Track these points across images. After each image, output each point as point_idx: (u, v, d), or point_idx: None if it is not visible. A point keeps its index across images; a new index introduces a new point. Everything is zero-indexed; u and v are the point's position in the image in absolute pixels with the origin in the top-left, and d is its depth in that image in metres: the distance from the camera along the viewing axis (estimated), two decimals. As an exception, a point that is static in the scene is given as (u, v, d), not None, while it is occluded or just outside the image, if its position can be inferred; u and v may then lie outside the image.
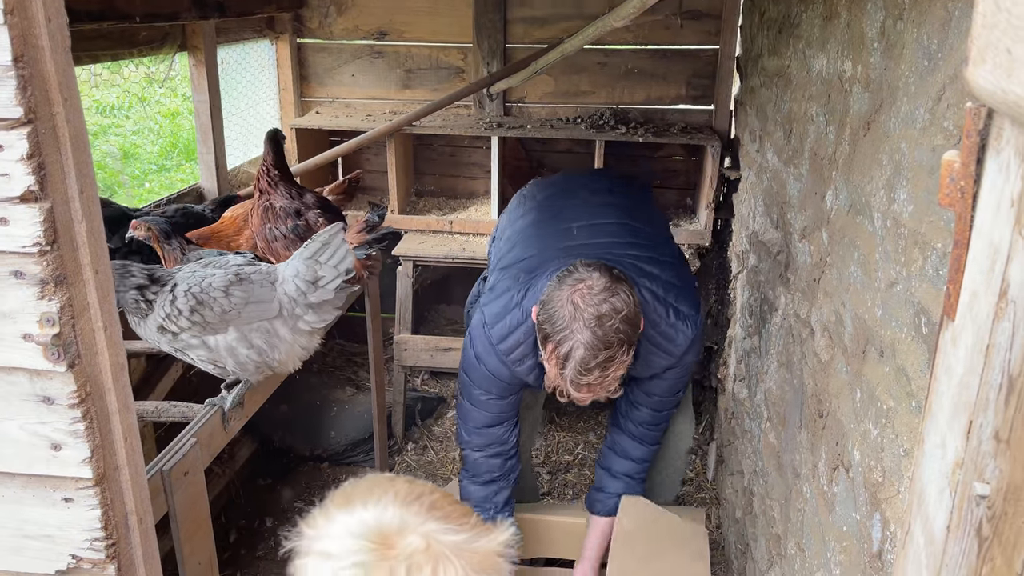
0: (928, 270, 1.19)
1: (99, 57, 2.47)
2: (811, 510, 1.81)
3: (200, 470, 1.89)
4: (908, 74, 1.34)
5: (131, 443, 1.09)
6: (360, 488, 1.00)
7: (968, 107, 0.72)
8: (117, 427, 1.06)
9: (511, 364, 2.10)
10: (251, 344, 1.90)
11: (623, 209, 2.35)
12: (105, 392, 1.04)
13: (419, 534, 0.92)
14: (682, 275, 2.19)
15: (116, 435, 1.06)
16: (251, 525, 3.23)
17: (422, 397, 3.93)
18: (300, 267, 1.89)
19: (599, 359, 1.74)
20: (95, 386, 1.03)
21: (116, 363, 1.05)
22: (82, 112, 0.95)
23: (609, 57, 3.73)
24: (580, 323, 1.75)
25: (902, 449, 1.25)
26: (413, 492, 0.98)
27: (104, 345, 1.02)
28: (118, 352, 1.05)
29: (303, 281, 1.89)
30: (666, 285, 2.08)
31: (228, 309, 1.87)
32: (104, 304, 1.02)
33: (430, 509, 0.96)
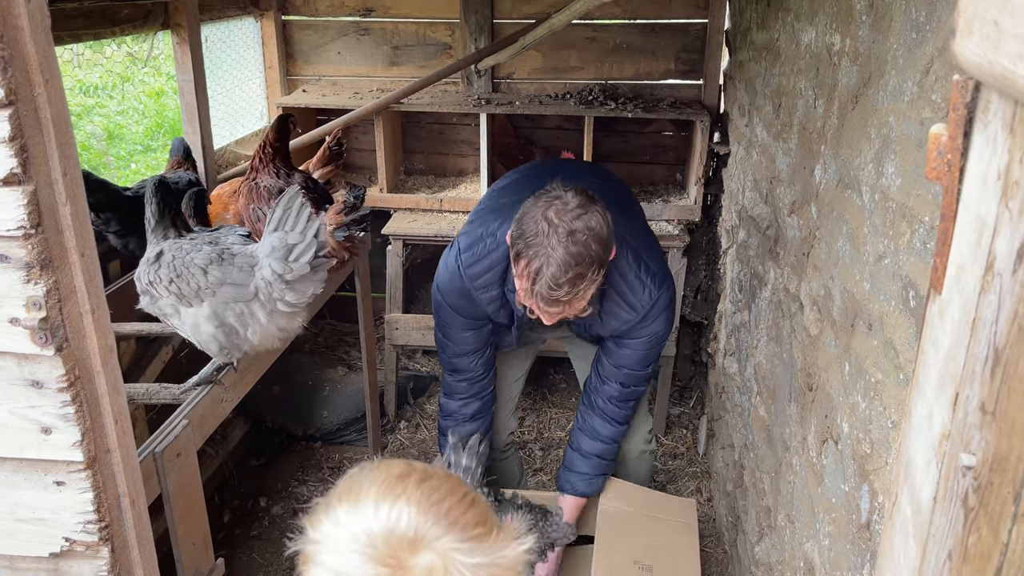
0: (916, 243, 1.19)
1: (80, 36, 2.44)
2: (800, 482, 1.83)
3: (192, 451, 1.89)
4: (896, 47, 1.33)
5: (122, 425, 1.08)
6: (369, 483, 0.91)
7: (955, 80, 0.72)
8: (107, 410, 1.06)
9: (476, 291, 2.14)
10: (222, 322, 1.90)
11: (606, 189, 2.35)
12: (94, 375, 1.04)
13: (436, 552, 0.84)
14: (655, 252, 2.17)
15: (106, 418, 1.06)
16: (245, 505, 3.25)
17: (414, 376, 3.94)
18: (273, 242, 1.86)
19: (569, 275, 1.75)
20: (84, 369, 1.02)
21: (104, 346, 1.04)
22: (64, 93, 0.93)
23: (598, 32, 3.70)
24: (553, 239, 1.76)
25: (890, 421, 1.26)
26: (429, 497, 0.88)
27: (92, 328, 1.01)
28: (106, 335, 1.04)
29: (278, 259, 1.86)
30: (641, 243, 2.11)
31: (204, 287, 1.89)
32: (91, 287, 1.01)
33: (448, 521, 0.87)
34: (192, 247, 1.97)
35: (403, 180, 3.91)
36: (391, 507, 0.86)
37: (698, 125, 3.41)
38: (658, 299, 2.09)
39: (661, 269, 2.13)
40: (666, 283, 2.12)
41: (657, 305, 2.10)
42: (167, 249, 1.99)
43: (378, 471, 0.93)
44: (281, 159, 2.33)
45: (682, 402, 3.86)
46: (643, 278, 2.07)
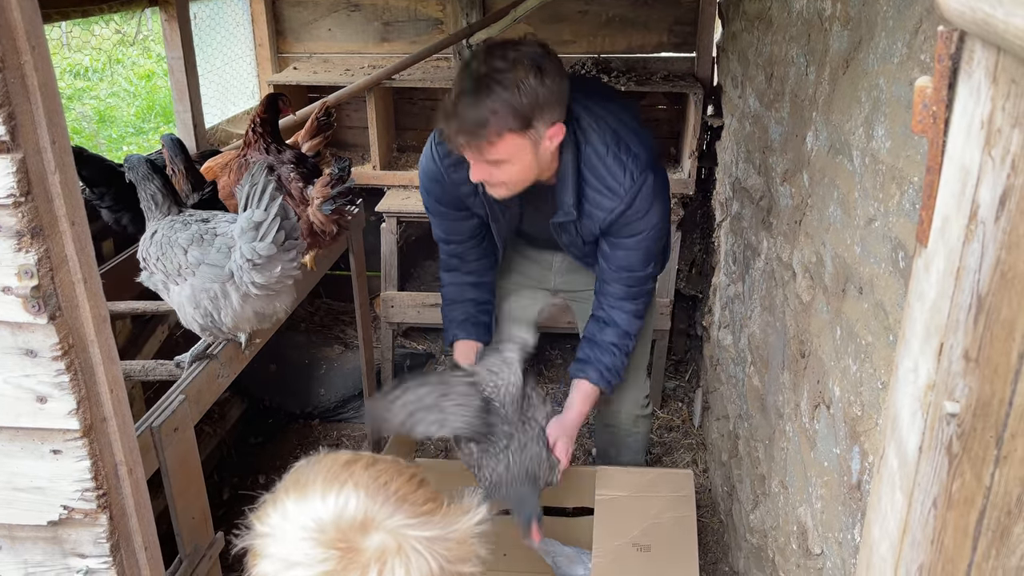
0: (905, 204, 1.20)
1: (68, 14, 2.42)
2: (794, 448, 1.84)
3: (189, 426, 1.90)
4: (886, 8, 1.33)
5: (117, 395, 1.09)
6: (315, 473, 0.90)
7: (940, 31, 0.72)
8: (102, 378, 1.07)
9: (447, 171, 2.14)
10: (198, 304, 1.90)
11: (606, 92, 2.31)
12: (88, 344, 1.04)
13: (387, 531, 0.84)
14: (641, 137, 2.07)
15: (101, 387, 1.07)
16: (245, 483, 3.27)
17: (410, 353, 3.95)
18: (242, 222, 1.81)
19: (477, 105, 1.77)
20: (78, 338, 1.03)
21: (98, 315, 1.04)
22: (51, 61, 0.93)
23: (590, 5, 3.68)
24: (478, 71, 1.81)
25: (880, 383, 1.27)
26: (377, 479, 0.88)
27: (84, 297, 1.02)
28: (99, 304, 1.05)
29: (247, 242, 1.80)
30: (626, 127, 2.04)
31: (184, 266, 1.89)
32: (82, 256, 1.01)
33: (397, 498, 0.87)
34: (182, 226, 1.97)
35: (396, 157, 3.90)
36: (339, 493, 0.86)
37: (691, 98, 3.40)
38: (642, 185, 1.99)
39: (645, 153, 2.02)
40: (651, 168, 2.01)
41: (643, 192, 1.99)
42: (161, 227, 2.00)
43: (324, 461, 0.92)
44: (268, 137, 2.32)
45: (677, 375, 3.88)
46: (623, 159, 1.98)
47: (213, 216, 2.02)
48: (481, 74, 1.80)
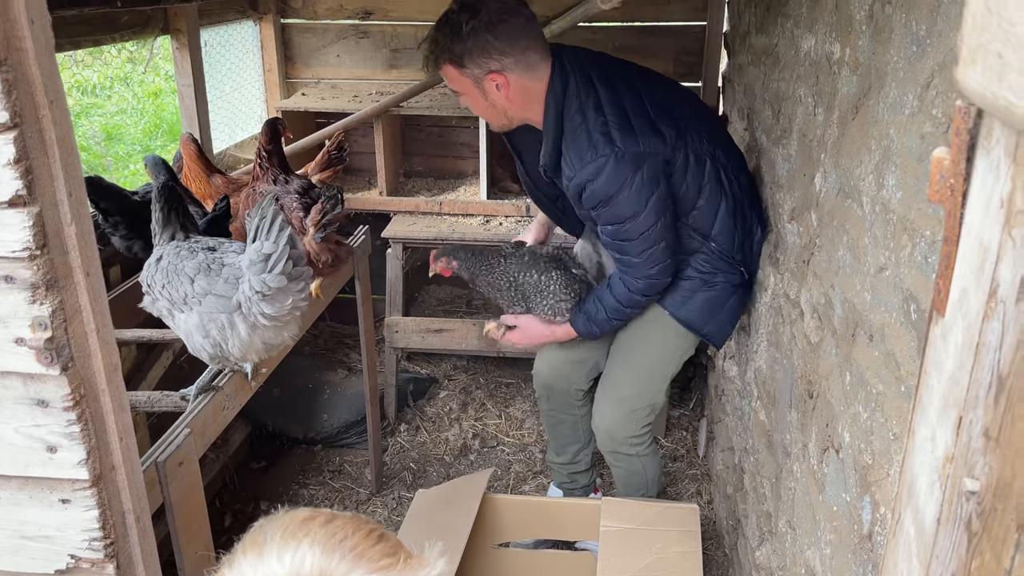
0: (917, 257, 1.20)
1: (80, 43, 2.44)
2: (802, 489, 1.83)
3: (195, 460, 1.89)
4: (897, 59, 1.34)
5: (127, 443, 1.09)
6: (272, 531, 0.90)
7: (958, 105, 0.72)
8: (112, 427, 1.06)
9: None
10: (207, 333, 1.90)
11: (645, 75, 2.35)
12: (99, 393, 1.04)
13: None
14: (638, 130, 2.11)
15: (111, 435, 1.07)
16: (246, 509, 3.25)
17: (414, 378, 3.94)
18: (251, 254, 1.83)
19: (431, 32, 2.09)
20: (89, 388, 1.03)
21: (109, 364, 1.04)
22: (69, 114, 0.94)
23: (596, 35, 3.70)
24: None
25: (891, 433, 1.26)
26: (334, 536, 0.88)
27: (97, 347, 1.02)
28: (111, 353, 1.05)
29: (256, 275, 1.81)
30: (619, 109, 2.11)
31: (190, 295, 1.89)
32: (96, 306, 1.01)
33: (354, 555, 0.86)
34: (189, 253, 1.97)
35: (403, 183, 3.91)
36: (295, 551, 0.85)
37: (697, 128, 3.41)
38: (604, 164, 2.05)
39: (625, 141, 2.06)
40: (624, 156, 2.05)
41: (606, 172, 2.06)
42: (166, 253, 2.00)
43: (282, 519, 0.92)
44: (278, 164, 2.33)
45: (682, 404, 3.87)
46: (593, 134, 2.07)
47: (220, 244, 2.03)
48: (446, 11, 2.09)
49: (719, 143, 2.31)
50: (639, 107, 2.14)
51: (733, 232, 2.32)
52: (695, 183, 2.23)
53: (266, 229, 1.77)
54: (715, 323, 2.44)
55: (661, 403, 2.62)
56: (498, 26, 2.04)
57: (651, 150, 2.10)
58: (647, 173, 2.09)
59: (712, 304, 2.41)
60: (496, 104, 2.16)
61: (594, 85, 2.14)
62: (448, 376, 4.07)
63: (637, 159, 2.07)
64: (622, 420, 2.58)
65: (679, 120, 2.20)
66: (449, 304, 4.27)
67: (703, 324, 2.43)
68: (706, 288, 2.39)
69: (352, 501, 3.28)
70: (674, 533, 2.31)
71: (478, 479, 2.48)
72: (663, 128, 2.14)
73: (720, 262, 2.35)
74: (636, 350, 2.54)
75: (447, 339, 3.55)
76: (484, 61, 2.06)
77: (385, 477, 3.40)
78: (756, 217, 2.39)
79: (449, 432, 3.69)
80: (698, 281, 2.38)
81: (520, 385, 3.99)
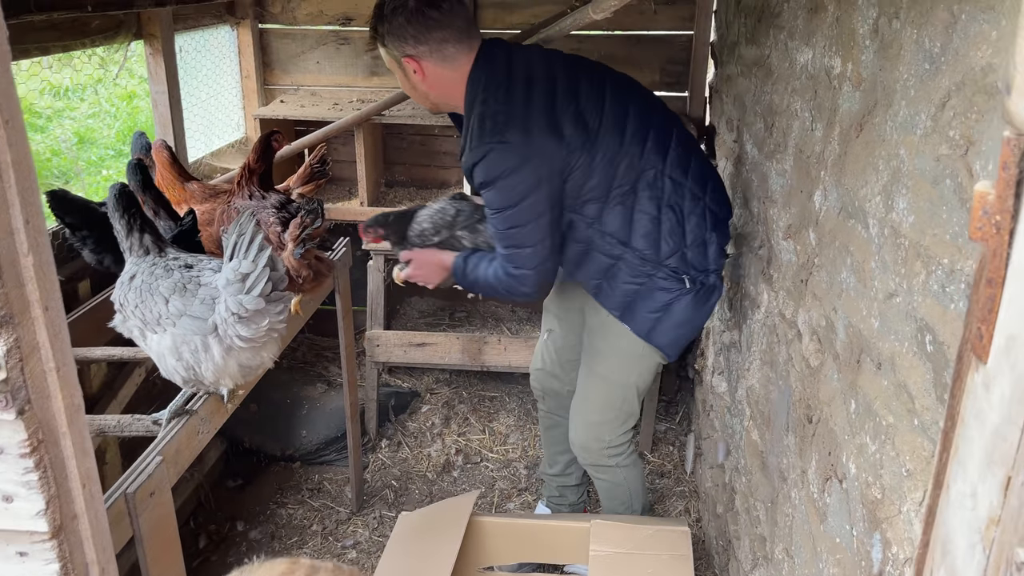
0: (932, 285, 1.14)
1: (49, 49, 2.33)
2: (800, 517, 1.77)
3: (167, 489, 1.80)
4: (907, 77, 1.28)
5: (90, 490, 1.00)
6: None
7: (1006, 137, 0.66)
8: (74, 473, 0.98)
9: None
10: (180, 356, 1.81)
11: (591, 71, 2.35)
12: (59, 437, 0.95)
13: None
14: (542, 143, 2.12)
15: (73, 482, 0.98)
16: (221, 529, 3.15)
17: (396, 392, 3.85)
18: (227, 274, 1.73)
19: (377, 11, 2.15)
20: (48, 432, 0.94)
21: (71, 405, 0.96)
22: (26, 136, 0.85)
23: (582, 43, 3.65)
24: None
25: (904, 469, 1.20)
26: None
27: (57, 387, 0.93)
28: (73, 393, 0.96)
29: (232, 296, 1.72)
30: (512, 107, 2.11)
31: (164, 316, 1.80)
32: (56, 343, 0.93)
33: None
34: (164, 272, 1.88)
35: (384, 192, 3.83)
36: None
37: (685, 139, 3.35)
38: (487, 152, 2.09)
39: (515, 137, 2.07)
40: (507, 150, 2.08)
41: (486, 161, 2.09)
42: (140, 272, 1.91)
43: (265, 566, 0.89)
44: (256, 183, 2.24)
45: (668, 417, 3.81)
46: (486, 124, 2.09)
47: (198, 262, 1.93)
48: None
49: (662, 151, 2.27)
50: (548, 107, 2.13)
51: (657, 239, 2.27)
52: (605, 188, 2.21)
53: (244, 247, 1.68)
54: (661, 332, 2.36)
55: (635, 412, 2.56)
56: (414, 15, 2.10)
57: (540, 151, 2.11)
58: (529, 171, 2.10)
59: (651, 311, 2.35)
60: (416, 86, 2.23)
61: (512, 80, 2.15)
62: (430, 390, 3.98)
63: (522, 155, 2.10)
64: (594, 431, 2.54)
65: (605, 124, 2.19)
66: (431, 316, 4.19)
67: (648, 333, 2.37)
68: (644, 295, 2.34)
69: (332, 520, 3.19)
70: (665, 558, 2.25)
71: (463, 502, 2.41)
72: (568, 131, 2.13)
73: (647, 267, 2.30)
74: (599, 359, 2.50)
75: (430, 353, 3.47)
76: (399, 45, 2.14)
77: (366, 495, 3.31)
78: (711, 226, 2.32)
79: (431, 448, 3.60)
80: (633, 287, 2.35)
81: (504, 399, 3.92)
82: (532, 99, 2.13)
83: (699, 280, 2.31)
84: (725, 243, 2.38)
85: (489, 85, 2.15)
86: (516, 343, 3.44)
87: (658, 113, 2.35)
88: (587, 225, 2.26)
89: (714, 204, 2.34)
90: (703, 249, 2.31)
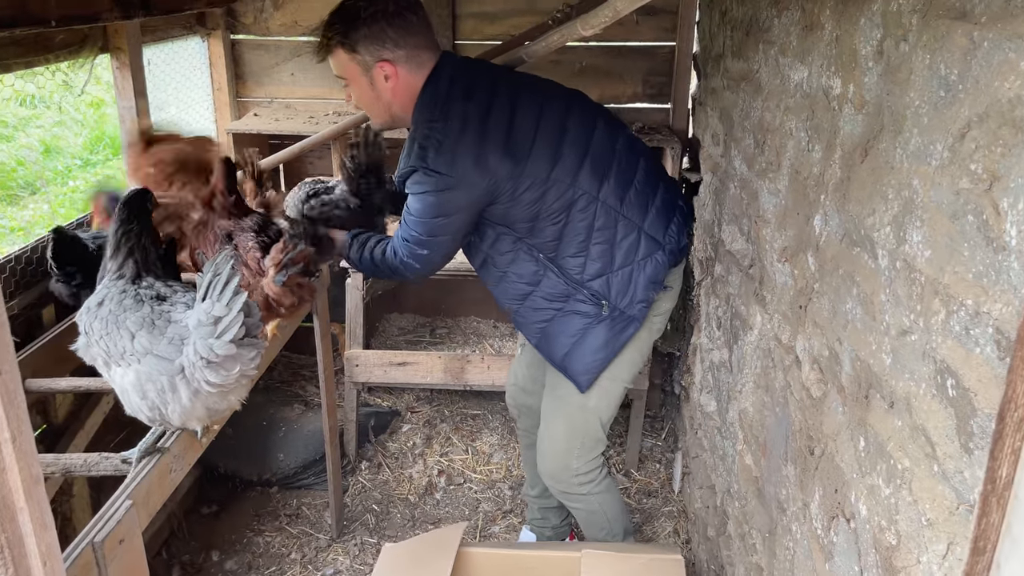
0: (954, 327, 1.08)
1: (10, 66, 2.22)
2: (803, 552, 1.71)
3: (137, 534, 1.70)
4: (919, 103, 1.22)
5: (51, 567, 0.91)
6: None
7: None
8: (33, 550, 0.88)
9: None
10: (144, 395, 1.70)
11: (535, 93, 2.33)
12: (17, 513, 0.86)
13: None
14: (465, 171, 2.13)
15: (32, 560, 0.89)
16: (196, 560, 3.03)
17: (376, 411, 3.76)
18: (199, 315, 1.63)
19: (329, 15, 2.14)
20: (5, 508, 0.85)
21: (29, 477, 0.87)
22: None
23: (563, 55, 3.58)
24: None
25: (924, 518, 1.14)
26: None
27: (13, 459, 0.84)
28: (30, 464, 0.87)
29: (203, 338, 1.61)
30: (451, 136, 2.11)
31: (128, 352, 1.69)
32: (11, 410, 0.84)
33: None
34: (134, 303, 1.77)
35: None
36: None
37: (668, 152, 3.31)
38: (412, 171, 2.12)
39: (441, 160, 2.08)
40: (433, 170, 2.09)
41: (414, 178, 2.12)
42: (109, 298, 1.80)
43: None
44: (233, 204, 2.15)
45: (654, 434, 3.76)
46: (423, 143, 2.10)
47: (172, 293, 1.83)
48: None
49: (599, 176, 2.25)
50: (479, 134, 2.13)
51: (584, 260, 2.28)
52: (533, 213, 2.21)
53: (219, 289, 1.58)
54: (574, 358, 2.36)
55: (601, 439, 2.52)
56: (395, 18, 2.09)
57: (463, 182, 2.12)
58: (448, 198, 2.14)
59: (566, 334, 2.35)
60: (382, 96, 2.19)
61: (451, 101, 2.15)
62: (411, 408, 3.89)
63: (446, 184, 2.12)
64: (561, 460, 2.50)
65: (536, 151, 2.18)
66: (411, 333, 4.10)
67: (560, 358, 2.37)
68: (559, 317, 2.35)
69: (311, 548, 3.09)
70: (660, 588, 2.18)
71: (450, 534, 2.32)
72: (493, 162, 2.13)
73: (567, 288, 2.31)
74: (555, 385, 2.49)
75: (411, 372, 3.38)
76: (376, 49, 2.10)
77: (346, 520, 3.21)
78: (644, 254, 2.32)
79: (413, 469, 3.51)
80: (550, 311, 2.35)
81: (487, 417, 3.84)
82: (467, 125, 2.12)
83: (618, 308, 2.31)
84: (659, 274, 2.34)
85: (433, 104, 2.14)
86: (499, 361, 3.36)
87: (601, 136, 2.31)
88: (515, 240, 2.27)
89: (654, 231, 2.32)
90: (629, 276, 2.30)
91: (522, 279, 2.32)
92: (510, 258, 2.30)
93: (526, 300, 2.36)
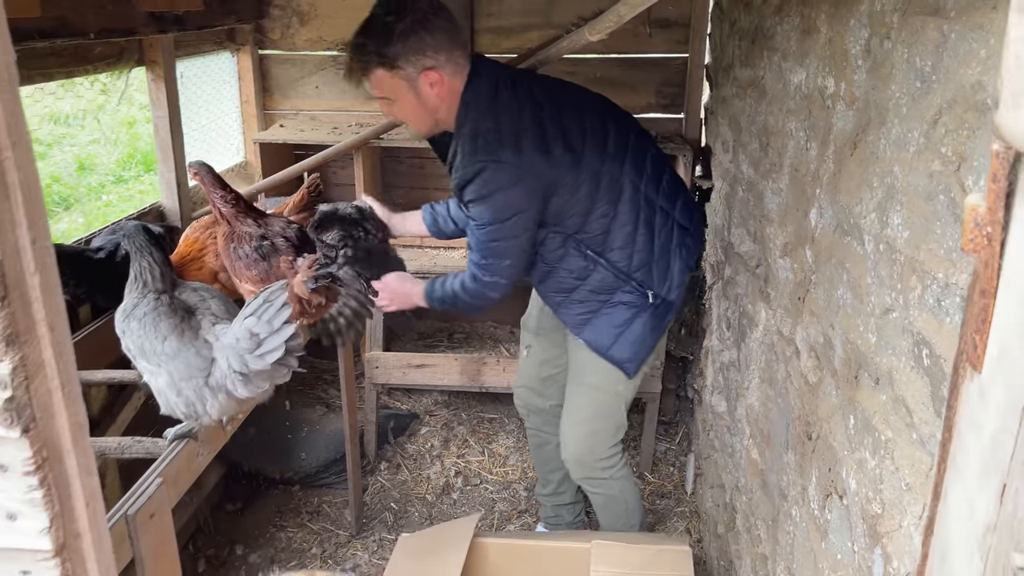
0: (928, 300, 1.15)
1: (52, 75, 2.36)
2: (802, 534, 1.77)
3: (167, 511, 1.80)
4: (899, 95, 1.30)
5: (93, 507, 1.00)
6: None
7: (994, 150, 0.68)
8: (78, 492, 0.98)
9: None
10: (180, 392, 1.82)
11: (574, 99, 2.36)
12: (64, 455, 0.96)
13: None
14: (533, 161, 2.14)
15: (77, 501, 0.98)
16: (221, 553, 3.13)
17: (395, 414, 3.85)
18: (238, 332, 1.74)
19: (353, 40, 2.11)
20: (53, 450, 0.94)
21: (75, 423, 0.96)
22: (33, 157, 0.87)
23: (577, 67, 3.69)
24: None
25: (904, 483, 1.21)
26: None
27: (62, 405, 0.94)
28: (77, 412, 0.97)
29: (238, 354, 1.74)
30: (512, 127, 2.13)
31: (159, 352, 1.81)
32: (61, 362, 0.93)
33: None
34: (168, 310, 1.89)
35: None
36: None
37: (681, 160, 3.39)
38: (480, 170, 2.10)
39: (507, 154, 2.08)
40: (501, 168, 2.09)
41: (480, 178, 2.10)
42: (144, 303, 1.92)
43: None
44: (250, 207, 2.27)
45: (668, 438, 3.81)
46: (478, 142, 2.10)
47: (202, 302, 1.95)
48: (367, 18, 2.09)
49: (638, 169, 2.34)
50: (536, 126, 2.17)
51: (631, 252, 2.35)
52: (588, 204, 2.26)
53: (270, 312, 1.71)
54: (621, 346, 2.42)
55: (624, 424, 2.61)
56: (430, 25, 2.07)
57: (532, 170, 2.14)
58: (521, 190, 2.14)
59: (613, 324, 2.41)
60: (428, 104, 2.16)
61: (499, 98, 2.17)
62: (429, 411, 3.98)
63: (515, 174, 2.12)
64: (587, 442, 2.57)
65: (588, 144, 2.24)
66: (430, 337, 4.19)
67: (607, 347, 2.43)
68: (606, 308, 2.41)
69: (331, 544, 3.17)
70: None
71: (464, 524, 2.40)
72: (556, 150, 2.17)
73: (615, 281, 2.37)
74: (587, 370, 2.54)
75: (429, 374, 3.47)
76: (418, 59, 2.08)
77: (366, 518, 3.29)
78: (677, 241, 2.41)
79: (431, 470, 3.59)
80: (595, 303, 2.41)
81: (503, 420, 3.91)
82: (522, 118, 2.15)
83: (660, 296, 2.38)
84: (691, 259, 2.45)
85: (480, 103, 2.16)
86: (515, 364, 3.43)
87: (632, 132, 2.42)
88: (564, 238, 2.31)
89: (683, 219, 2.43)
90: (667, 263, 2.39)
91: (572, 274, 2.38)
92: (560, 255, 2.36)
93: (572, 293, 2.42)
